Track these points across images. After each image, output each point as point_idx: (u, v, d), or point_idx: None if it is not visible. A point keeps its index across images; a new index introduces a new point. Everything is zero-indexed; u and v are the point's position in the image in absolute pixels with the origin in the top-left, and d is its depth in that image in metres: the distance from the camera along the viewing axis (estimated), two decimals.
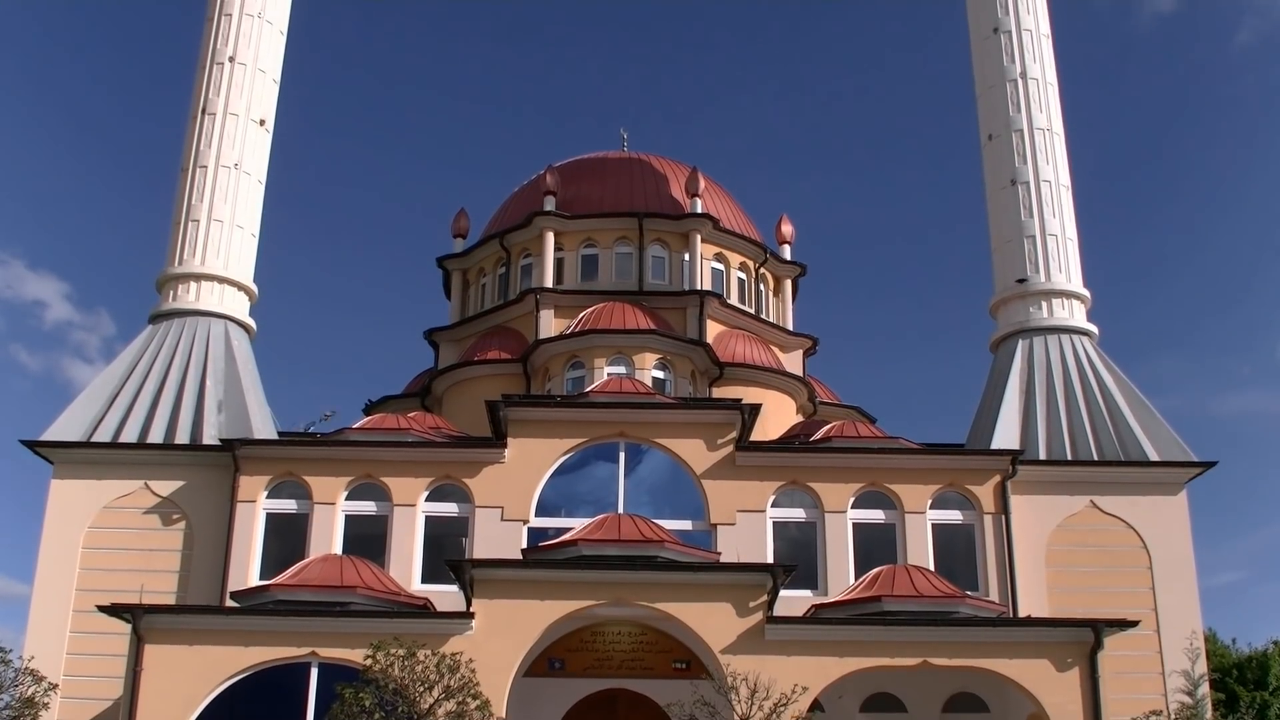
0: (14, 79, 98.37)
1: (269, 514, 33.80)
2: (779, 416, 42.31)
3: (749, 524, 33.49)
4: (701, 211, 45.08)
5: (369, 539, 33.34)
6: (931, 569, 31.83)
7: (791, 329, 47.42)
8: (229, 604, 31.12)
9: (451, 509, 33.93)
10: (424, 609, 30.00)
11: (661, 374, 40.81)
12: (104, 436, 34.76)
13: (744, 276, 46.45)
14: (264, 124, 40.29)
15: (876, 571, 30.85)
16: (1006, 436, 35.63)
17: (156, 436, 34.89)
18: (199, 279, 37.69)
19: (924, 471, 34.34)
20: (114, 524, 33.73)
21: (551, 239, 44.42)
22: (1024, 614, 32.39)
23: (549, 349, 41.46)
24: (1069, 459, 35.26)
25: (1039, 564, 33.84)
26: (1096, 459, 35.26)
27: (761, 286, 47.21)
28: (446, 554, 32.29)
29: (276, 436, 36.01)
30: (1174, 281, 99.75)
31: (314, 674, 27.47)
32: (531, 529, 33.39)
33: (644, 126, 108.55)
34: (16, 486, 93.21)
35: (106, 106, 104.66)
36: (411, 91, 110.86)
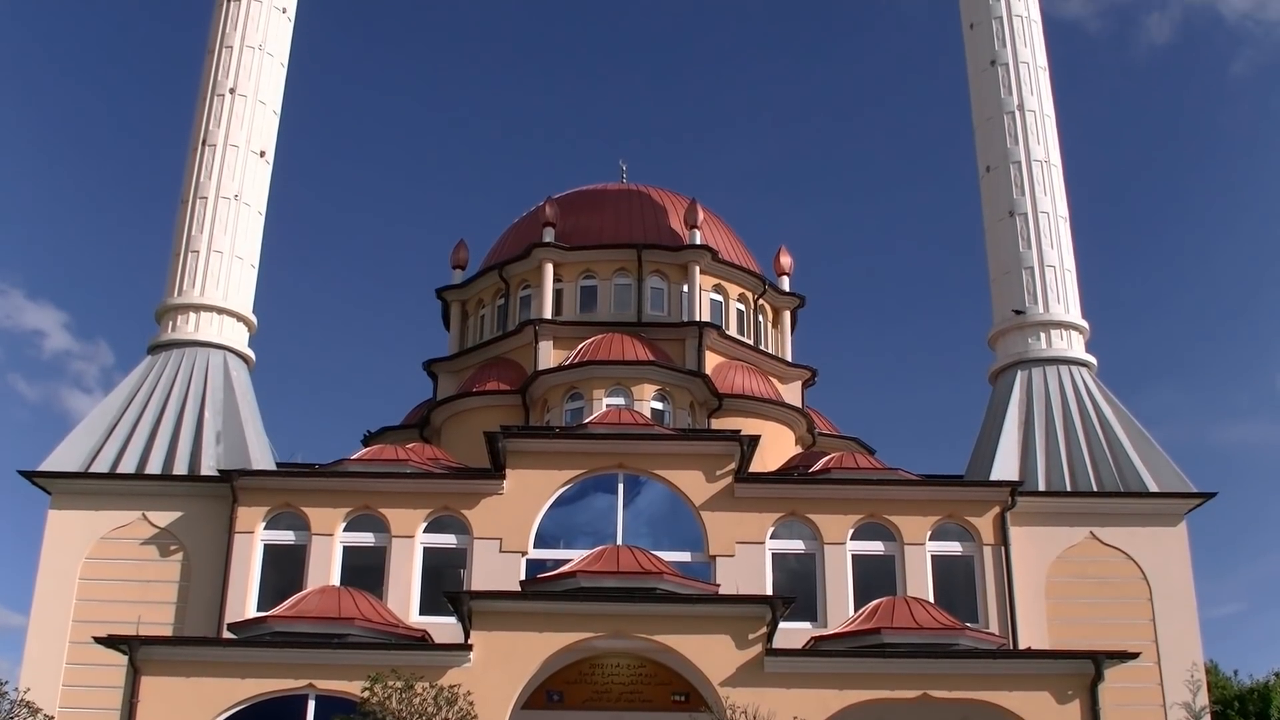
0: (14, 108, 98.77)
1: (267, 545, 33.73)
2: (778, 448, 42.28)
3: (748, 555, 33.41)
4: (700, 243, 45.19)
5: (367, 570, 33.24)
6: (931, 601, 31.73)
7: (790, 360, 47.45)
8: (226, 635, 30.98)
9: (450, 540, 33.85)
10: (422, 641, 29.91)
11: (660, 405, 40.80)
12: (102, 467, 34.71)
13: (743, 308, 46.52)
14: (264, 155, 40.43)
15: (876, 603, 30.75)
16: (1006, 468, 35.60)
17: (155, 467, 34.84)
18: (198, 309, 37.74)
19: (923, 503, 34.29)
20: (111, 555, 33.64)
21: (550, 270, 44.50)
22: (1024, 646, 32.27)
23: (548, 380, 41.46)
24: (1068, 490, 35.22)
25: (1039, 595, 33.75)
26: (1096, 490, 35.21)
27: (760, 317, 47.27)
28: (445, 586, 32.20)
29: (275, 467, 35.96)
30: (1172, 311, 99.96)
31: (311, 706, 27.35)
32: (530, 560, 33.31)
33: (643, 158, 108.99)
34: (14, 517, 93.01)
35: (107, 136, 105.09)
36: (411, 123, 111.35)
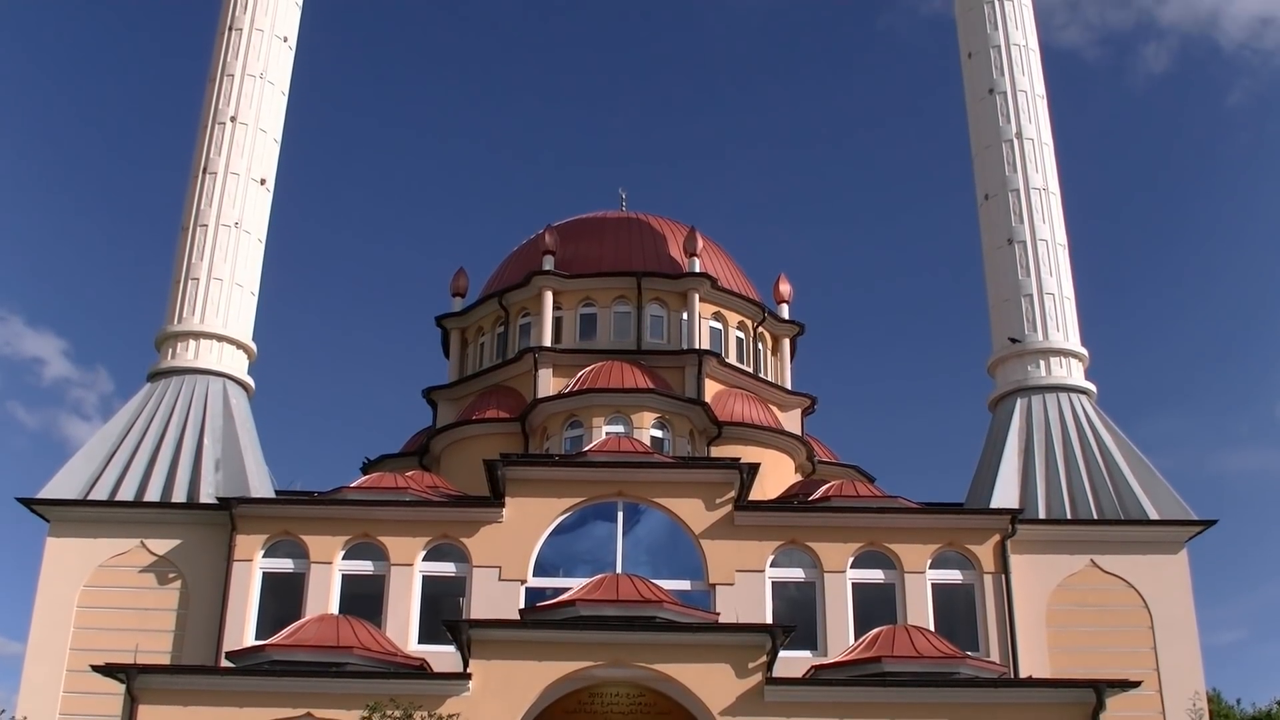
0: (14, 134, 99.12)
1: (265, 573, 33.63)
2: (778, 476, 42.23)
3: (748, 584, 33.32)
4: (700, 271, 45.26)
5: (366, 599, 33.14)
6: (931, 629, 31.63)
7: (790, 388, 47.46)
8: (224, 664, 30.81)
9: (449, 569, 33.77)
10: (421, 670, 29.78)
11: (660, 433, 40.77)
12: (101, 494, 34.66)
13: (742, 335, 46.54)
14: (264, 183, 40.55)
15: (876, 632, 30.63)
16: (1006, 495, 35.55)
17: (153, 495, 34.79)
18: (198, 337, 37.76)
19: (923, 531, 34.22)
20: (109, 583, 33.54)
21: (550, 298, 44.54)
22: (1025, 674, 32.13)
23: (547, 408, 41.44)
24: (1069, 518, 35.17)
25: (1040, 624, 33.66)
26: (1096, 518, 35.16)
27: (760, 345, 47.29)
28: (444, 614, 32.05)
29: (274, 495, 35.90)
30: (1171, 339, 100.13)
31: None
32: (529, 589, 33.21)
33: (643, 185, 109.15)
34: (12, 544, 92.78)
35: (108, 164, 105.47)
36: (411, 151, 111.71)
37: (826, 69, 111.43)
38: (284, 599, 33.18)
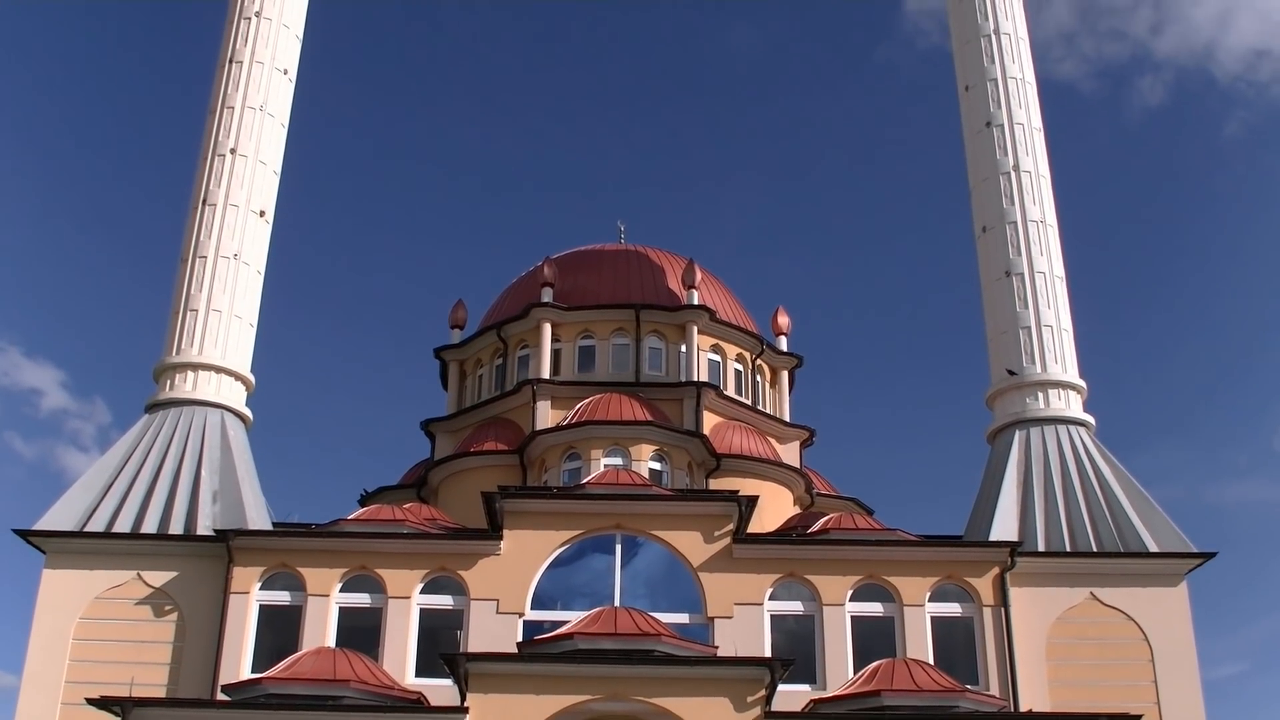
0: (13, 164, 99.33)
1: (262, 605, 33.51)
2: (776, 508, 42.16)
3: (747, 617, 33.22)
4: (698, 303, 45.32)
5: (363, 631, 33.03)
6: (931, 663, 31.52)
7: (788, 420, 47.44)
8: (220, 697, 30.68)
9: (446, 601, 33.66)
10: (418, 703, 29.66)
11: (658, 465, 40.74)
12: (97, 526, 34.56)
13: (740, 368, 46.56)
14: (264, 215, 40.64)
15: (876, 665, 30.53)
16: (1005, 528, 35.48)
17: (150, 526, 34.70)
18: (196, 368, 37.75)
19: (922, 563, 34.14)
20: (105, 615, 33.42)
21: (549, 330, 44.57)
22: (1025, 708, 31.99)
23: (546, 440, 41.41)
24: (1068, 550, 35.09)
25: (1039, 657, 33.54)
26: (1096, 550, 35.08)
27: (758, 377, 47.31)
28: (441, 647, 31.93)
29: (271, 527, 35.81)
30: (1170, 370, 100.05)
31: None
32: (527, 622, 33.11)
33: (641, 218, 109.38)
34: (8, 576, 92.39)
35: (106, 195, 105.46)
36: (410, 182, 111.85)
37: (824, 101, 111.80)
38: (281, 631, 33.06)
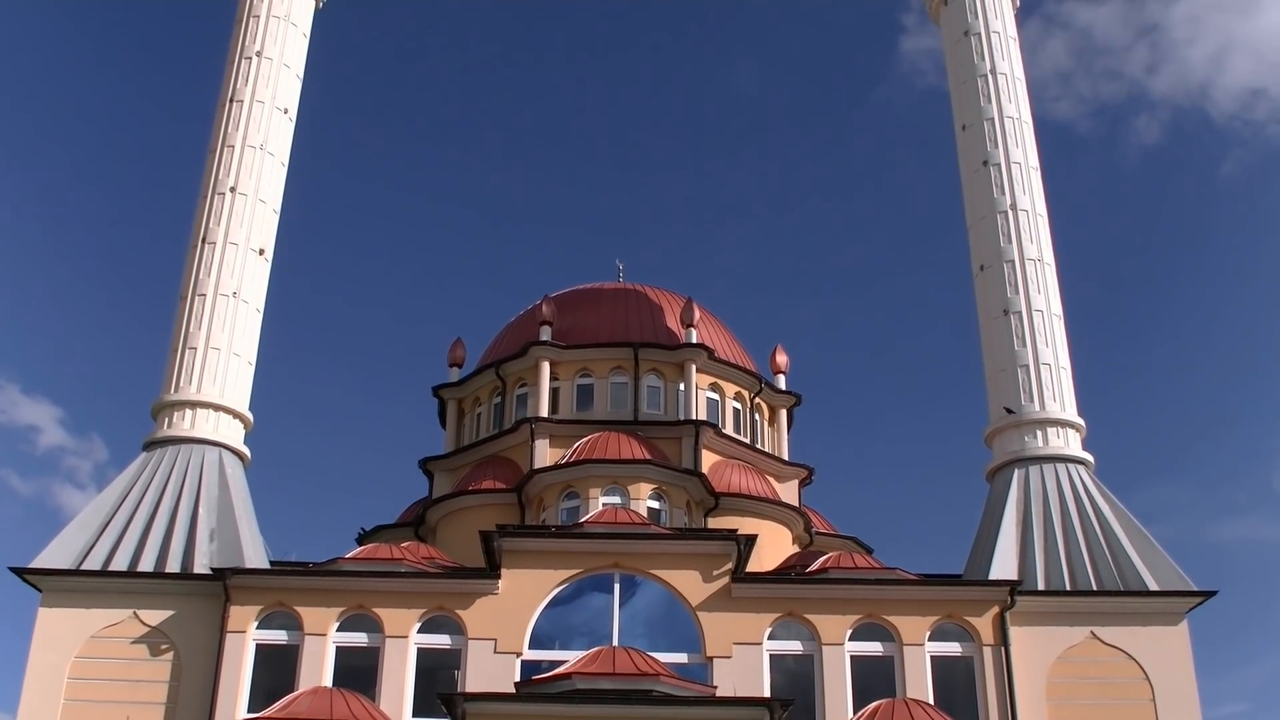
0: (13, 200, 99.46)
1: (259, 645, 33.35)
2: (775, 547, 42.06)
3: (746, 657, 33.07)
4: (696, 342, 45.38)
5: (360, 671, 32.86)
6: (931, 703, 31.41)
7: (787, 459, 47.38)
8: None
9: (444, 641, 33.50)
10: None
11: (657, 504, 40.68)
12: (94, 564, 34.41)
13: (739, 406, 46.56)
14: (263, 253, 40.74)
15: (875, 705, 30.44)
16: (1004, 567, 35.37)
17: (147, 565, 34.57)
18: (194, 406, 37.72)
19: (922, 603, 34.02)
20: (101, 654, 33.24)
21: (547, 369, 44.61)
22: None
23: (544, 479, 41.35)
24: (1068, 589, 34.96)
25: (1040, 697, 33.34)
26: (1096, 589, 34.96)
27: (756, 416, 47.30)
28: (438, 687, 31.80)
29: (268, 566, 35.69)
30: (1168, 408, 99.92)
31: None
32: (525, 662, 32.95)
33: (640, 256, 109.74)
34: (4, 614, 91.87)
35: (105, 232, 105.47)
36: (409, 221, 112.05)
37: (822, 141, 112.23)
38: (277, 671, 32.88)
